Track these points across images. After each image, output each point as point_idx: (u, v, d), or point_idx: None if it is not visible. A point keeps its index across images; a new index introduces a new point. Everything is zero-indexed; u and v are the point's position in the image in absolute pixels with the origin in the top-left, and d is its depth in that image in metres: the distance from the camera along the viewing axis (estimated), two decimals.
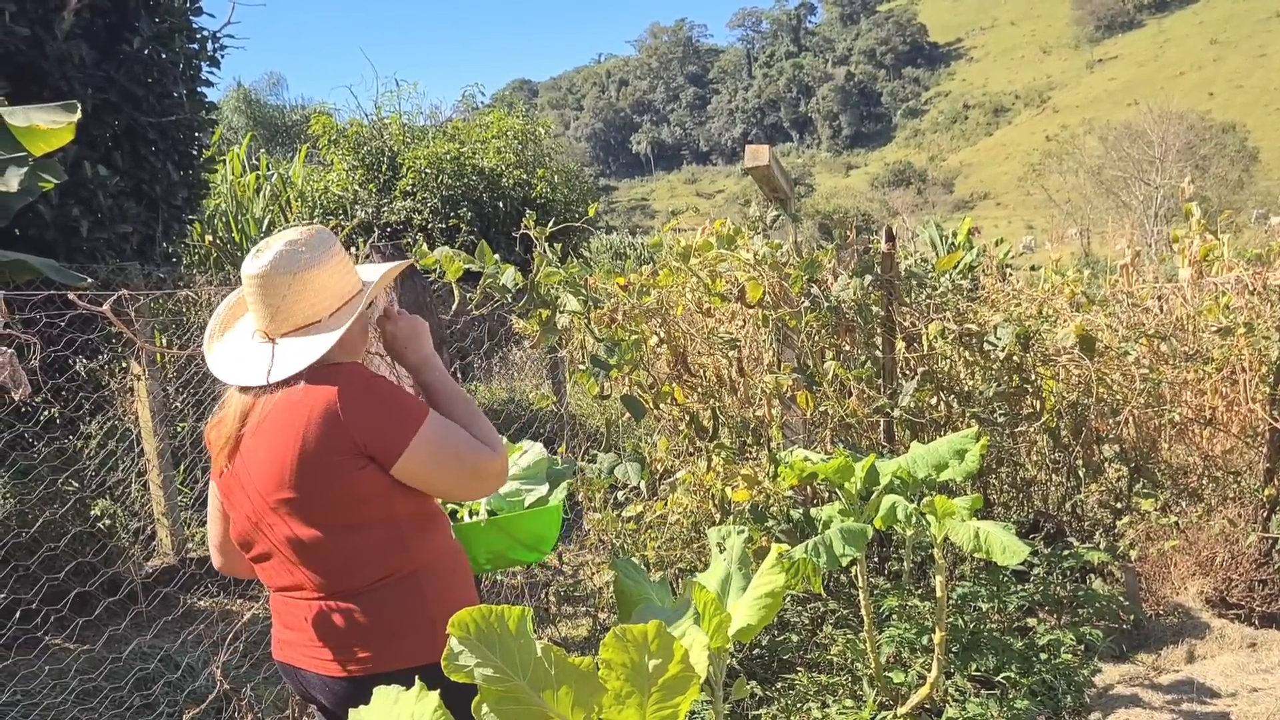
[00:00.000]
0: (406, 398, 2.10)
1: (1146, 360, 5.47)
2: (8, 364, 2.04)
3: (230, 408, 2.15)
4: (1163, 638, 4.60)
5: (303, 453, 2.02)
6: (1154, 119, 52.75)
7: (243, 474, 2.13)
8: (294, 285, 2.07)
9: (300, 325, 2.10)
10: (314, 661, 2.16)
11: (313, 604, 2.12)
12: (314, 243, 2.12)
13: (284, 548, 2.12)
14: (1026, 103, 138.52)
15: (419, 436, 2.05)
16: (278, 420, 2.06)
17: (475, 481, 2.16)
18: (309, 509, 2.06)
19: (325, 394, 2.03)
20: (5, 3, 6.02)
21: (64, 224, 6.31)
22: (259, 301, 2.09)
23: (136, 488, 6.00)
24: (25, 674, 3.51)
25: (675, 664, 1.75)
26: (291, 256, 2.08)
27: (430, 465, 2.08)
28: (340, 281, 2.15)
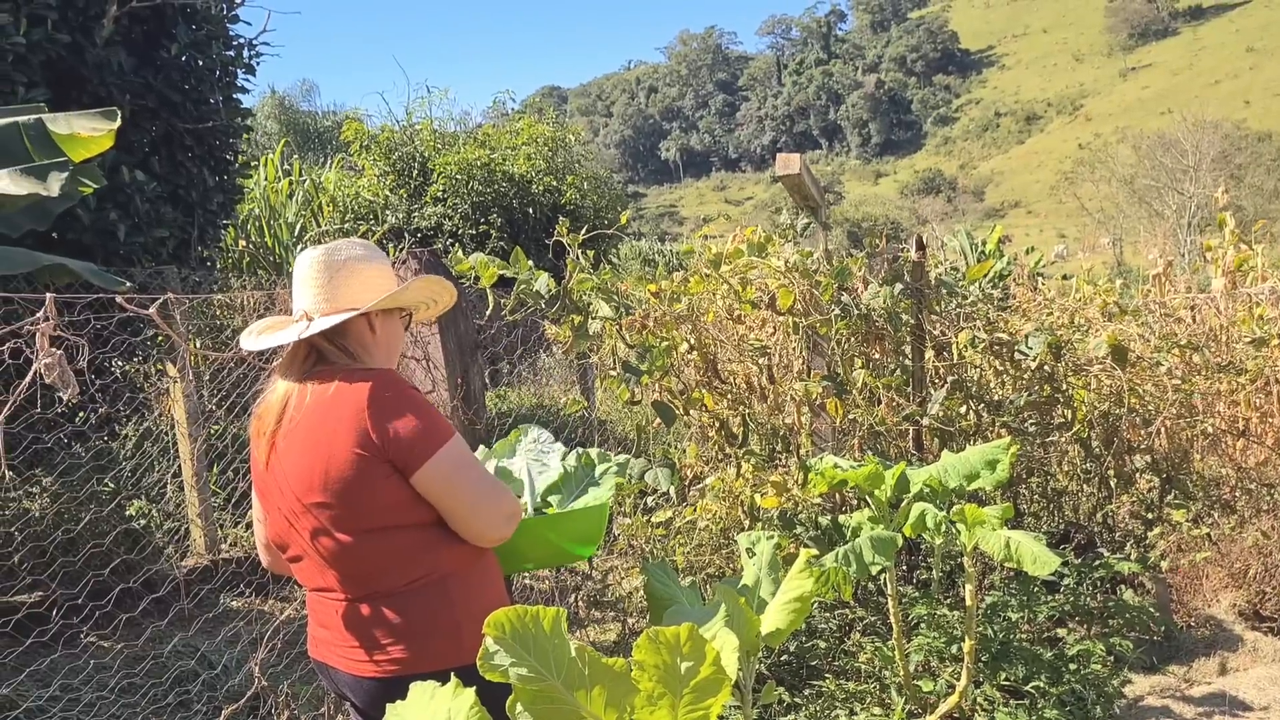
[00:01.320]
0: (435, 413, 2.14)
1: (1179, 371, 5.44)
2: (57, 365, 2.09)
3: (271, 396, 2.23)
4: (1194, 650, 4.57)
5: (332, 457, 2.08)
6: (1188, 127, 52.20)
7: (278, 474, 2.19)
8: (343, 270, 2.22)
9: (340, 309, 2.21)
10: (346, 661, 2.20)
11: (344, 604, 2.17)
12: (369, 246, 2.31)
13: (316, 550, 2.16)
14: (1059, 110, 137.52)
15: (442, 453, 2.08)
16: (311, 422, 2.12)
17: (489, 515, 2.14)
18: (339, 513, 2.10)
19: (356, 394, 2.09)
20: (47, 11, 6.13)
21: (102, 228, 6.41)
22: (308, 282, 2.23)
23: (171, 488, 6.09)
24: (70, 668, 3.58)
25: (707, 666, 1.77)
26: (347, 248, 2.26)
27: (447, 486, 2.10)
28: (384, 280, 2.28)
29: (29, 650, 3.38)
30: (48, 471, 5.09)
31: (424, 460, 2.07)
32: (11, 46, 5.84)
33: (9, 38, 5.82)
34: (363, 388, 2.09)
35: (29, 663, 3.56)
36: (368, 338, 2.26)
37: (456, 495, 2.10)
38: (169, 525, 5.87)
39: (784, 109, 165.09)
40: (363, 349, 2.25)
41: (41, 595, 4.04)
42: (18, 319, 2.29)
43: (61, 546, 3.97)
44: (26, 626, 3.40)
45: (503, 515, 2.14)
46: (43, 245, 5.64)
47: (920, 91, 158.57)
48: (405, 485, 2.10)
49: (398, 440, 2.06)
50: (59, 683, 3.48)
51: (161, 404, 6.27)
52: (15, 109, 5.17)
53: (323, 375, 2.18)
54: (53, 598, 3.69)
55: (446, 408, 3.00)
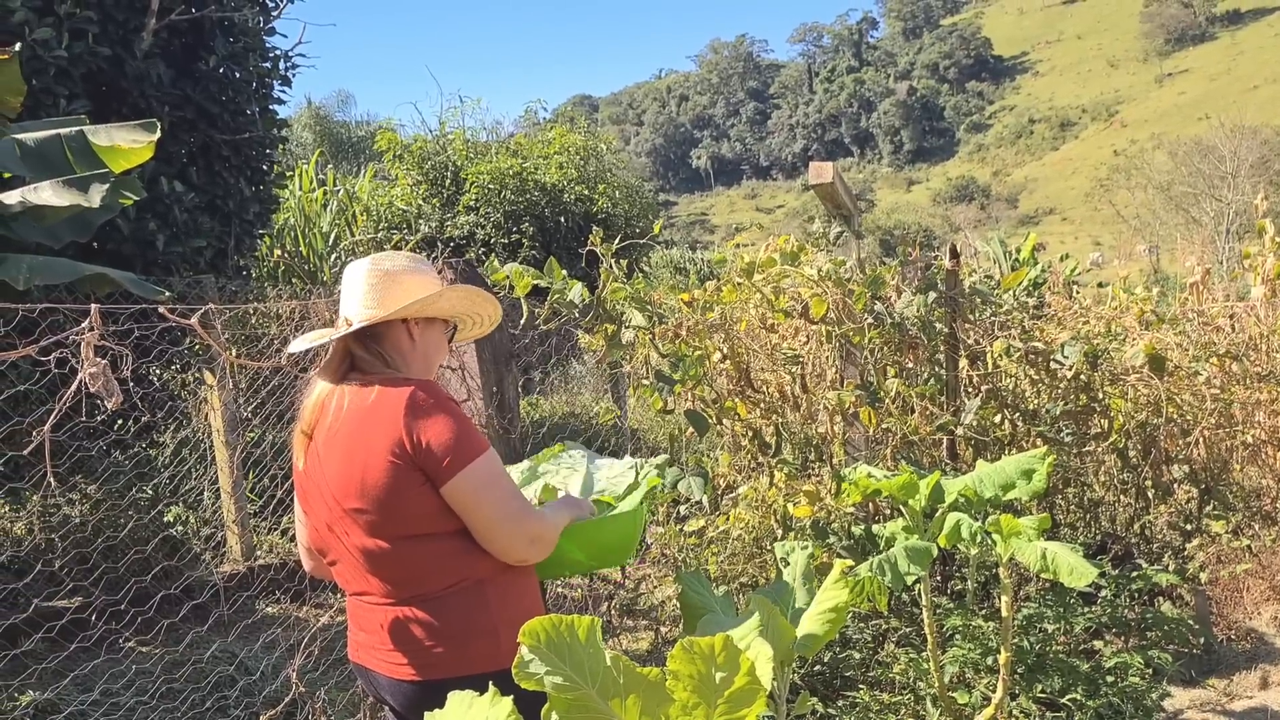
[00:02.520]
0: (470, 427, 2.15)
1: (1218, 380, 5.38)
2: (101, 374, 2.12)
3: (308, 398, 2.27)
4: (1235, 663, 4.51)
5: (369, 463, 2.11)
6: (1226, 133, 51.57)
7: (318, 479, 2.22)
8: (386, 278, 2.26)
9: (372, 308, 2.25)
10: (384, 664, 2.22)
11: (382, 609, 2.19)
12: (416, 259, 2.37)
13: (354, 554, 2.19)
14: (1094, 117, 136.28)
15: (471, 469, 2.09)
16: (351, 428, 2.15)
17: (510, 535, 2.12)
18: (376, 519, 2.13)
19: (395, 401, 2.12)
20: (88, 24, 6.23)
21: (141, 238, 6.50)
22: (354, 289, 2.28)
23: (208, 495, 6.16)
24: (112, 673, 3.63)
25: (742, 676, 1.77)
26: (392, 258, 2.32)
27: (473, 502, 2.10)
28: (426, 290, 2.30)
29: (72, 655, 3.43)
30: (89, 479, 5.17)
31: (453, 474, 2.08)
32: (54, 60, 5.94)
33: (51, 51, 5.92)
34: (402, 395, 2.12)
35: (72, 667, 3.61)
36: (405, 345, 2.29)
37: (481, 511, 2.10)
38: (206, 532, 5.94)
39: (815, 116, 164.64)
40: (399, 356, 2.27)
41: (84, 600, 4.10)
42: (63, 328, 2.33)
43: (103, 553, 4.02)
44: (70, 631, 3.45)
45: (526, 537, 2.13)
46: (83, 255, 5.73)
47: (953, 98, 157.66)
48: (438, 494, 2.12)
49: (429, 451, 2.08)
50: (101, 687, 3.53)
51: (199, 412, 6.35)
52: (57, 121, 5.26)
53: (364, 381, 2.21)
54: (95, 603, 3.74)
55: (481, 416, 3.02)
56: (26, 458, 3.43)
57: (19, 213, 4.67)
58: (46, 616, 3.63)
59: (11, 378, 4.64)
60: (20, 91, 4.38)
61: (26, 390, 4.00)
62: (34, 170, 4.85)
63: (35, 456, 2.39)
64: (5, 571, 4.39)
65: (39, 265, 4.53)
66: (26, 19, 5.84)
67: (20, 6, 5.82)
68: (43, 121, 5.27)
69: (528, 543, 2.13)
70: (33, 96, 5.74)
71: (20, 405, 4.58)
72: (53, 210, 4.66)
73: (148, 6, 6.65)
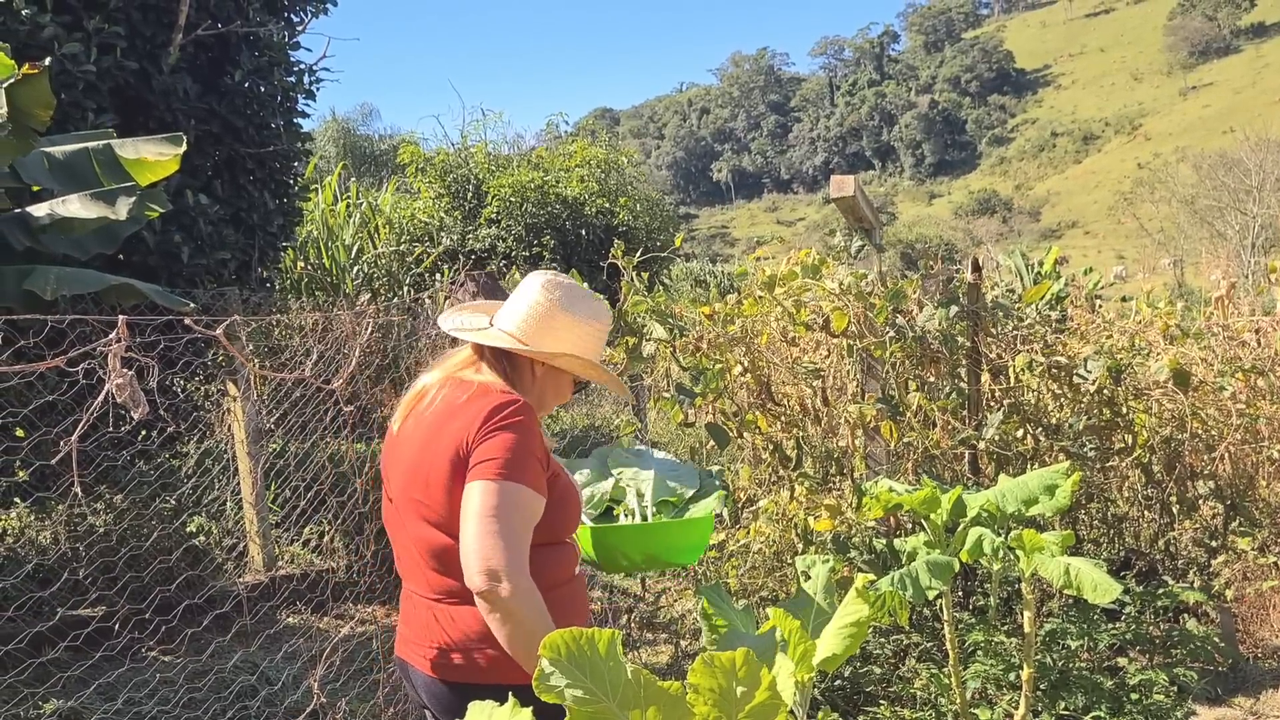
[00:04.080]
0: (527, 459, 2.10)
1: (1243, 395, 5.33)
2: (128, 385, 2.15)
3: (421, 379, 2.34)
4: (1261, 681, 4.45)
5: (437, 458, 2.13)
6: (1251, 146, 51.24)
7: (397, 459, 2.27)
8: (548, 310, 2.28)
9: (513, 332, 2.29)
10: (421, 661, 2.23)
11: (427, 604, 2.21)
12: (593, 305, 2.37)
13: (410, 543, 2.22)
14: (1117, 130, 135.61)
15: (489, 484, 2.04)
16: (436, 420, 2.20)
17: (475, 559, 1.98)
18: (431, 513, 2.15)
19: (481, 406, 2.13)
20: (116, 39, 6.31)
21: (166, 250, 6.56)
22: (523, 300, 2.31)
23: (231, 505, 6.19)
24: (135, 682, 3.65)
25: (762, 691, 1.77)
26: (571, 293, 2.33)
27: (467, 509, 2.03)
28: (575, 337, 2.31)
29: (96, 663, 3.46)
30: (114, 489, 5.21)
31: (474, 477, 2.05)
32: (82, 74, 6.02)
33: (80, 65, 6.00)
34: (491, 402, 2.14)
35: (96, 676, 3.64)
36: (527, 378, 2.31)
37: (467, 524, 2.02)
38: (227, 542, 5.97)
39: (836, 130, 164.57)
40: (519, 381, 2.29)
41: (108, 609, 4.13)
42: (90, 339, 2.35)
43: (127, 562, 4.05)
44: (94, 640, 3.48)
45: (480, 563, 1.97)
46: (109, 266, 5.78)
47: (975, 111, 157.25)
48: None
49: (476, 453, 2.07)
50: (124, 696, 3.55)
51: (223, 423, 6.39)
52: (85, 135, 5.33)
53: (467, 381, 2.25)
54: (119, 612, 3.77)
55: None
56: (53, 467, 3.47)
57: (47, 225, 4.72)
58: (71, 625, 3.66)
59: (39, 388, 4.69)
60: (50, 105, 4.43)
61: (54, 400, 4.04)
62: (62, 183, 4.91)
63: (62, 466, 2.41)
64: (31, 580, 4.43)
65: (66, 276, 4.58)
66: (56, 34, 5.92)
67: (50, 22, 5.90)
68: (71, 135, 5.34)
69: (482, 572, 1.97)
70: (61, 110, 5.81)
71: (47, 415, 4.62)
72: (80, 222, 4.72)
73: (174, 22, 6.73)
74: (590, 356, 2.34)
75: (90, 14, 6.22)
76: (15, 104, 4.30)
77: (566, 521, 2.28)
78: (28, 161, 4.81)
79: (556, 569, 2.23)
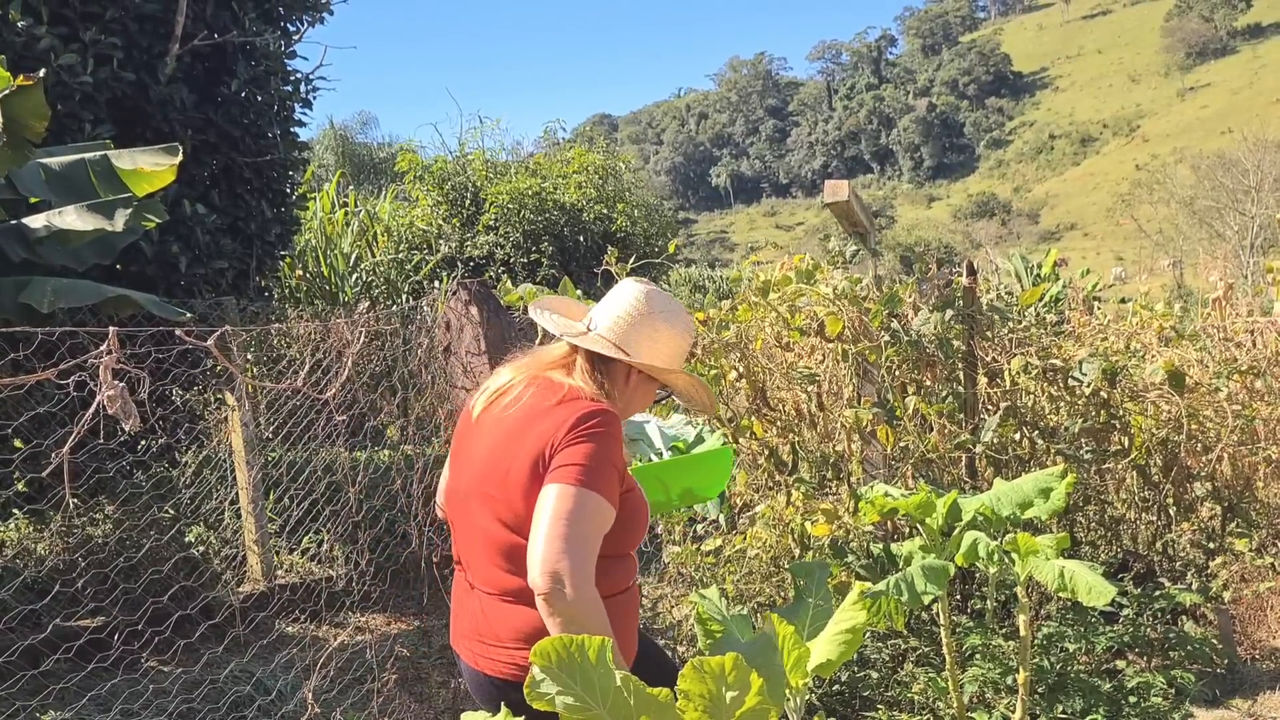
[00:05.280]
0: (604, 468, 2.12)
1: (1240, 396, 5.33)
2: (119, 397, 2.15)
3: (502, 375, 2.37)
4: (1259, 683, 4.45)
5: (518, 459, 2.17)
6: (1249, 147, 51.27)
7: (472, 450, 2.31)
8: (648, 319, 2.35)
9: (614, 340, 2.33)
10: (469, 653, 2.27)
11: (482, 598, 2.25)
12: (684, 317, 2.43)
13: (477, 535, 2.26)
14: (1115, 132, 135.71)
15: (566, 489, 2.05)
16: (521, 419, 2.23)
17: (541, 559, 1.99)
18: (504, 511, 2.18)
19: (569, 412, 2.17)
20: (113, 50, 6.31)
21: (163, 260, 6.56)
22: (619, 306, 2.37)
23: (228, 515, 6.19)
24: (130, 693, 3.65)
25: (753, 696, 1.77)
26: (667, 304, 2.40)
27: (544, 509, 2.05)
28: (672, 347, 2.39)
29: (91, 674, 3.46)
30: (110, 499, 5.21)
31: (554, 480, 2.07)
32: (79, 85, 6.02)
33: (76, 77, 6.00)
34: (579, 409, 2.18)
35: (90, 687, 3.63)
36: (620, 383, 2.36)
37: (540, 523, 2.03)
38: (226, 552, 5.97)
39: (835, 134, 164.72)
40: (610, 386, 2.33)
41: (103, 620, 4.13)
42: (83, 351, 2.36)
43: (123, 573, 4.06)
44: (88, 651, 3.48)
45: (544, 565, 1.98)
46: (106, 277, 5.78)
47: (973, 114, 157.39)
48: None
49: (560, 455, 2.10)
50: (119, 707, 3.55)
51: (219, 432, 6.39)
52: (82, 146, 5.34)
53: (557, 383, 2.29)
54: (114, 623, 3.77)
55: None
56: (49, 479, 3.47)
57: (44, 236, 4.73)
58: (66, 636, 3.66)
59: (35, 400, 4.69)
60: (45, 117, 4.44)
61: (48, 412, 4.05)
62: (59, 194, 4.92)
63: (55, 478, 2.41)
64: (27, 591, 4.43)
65: (63, 288, 4.59)
66: (52, 45, 5.93)
67: (46, 34, 5.91)
68: (68, 146, 5.35)
69: (547, 574, 1.98)
70: (58, 121, 5.82)
71: (45, 427, 4.62)
72: (77, 234, 4.72)
73: (171, 33, 6.74)
74: (673, 363, 2.40)
75: (87, 25, 6.23)
76: (10, 115, 4.30)
77: (634, 536, 2.31)
78: (24, 173, 4.82)
79: (617, 578, 2.26)
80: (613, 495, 2.13)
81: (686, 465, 2.91)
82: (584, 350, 2.33)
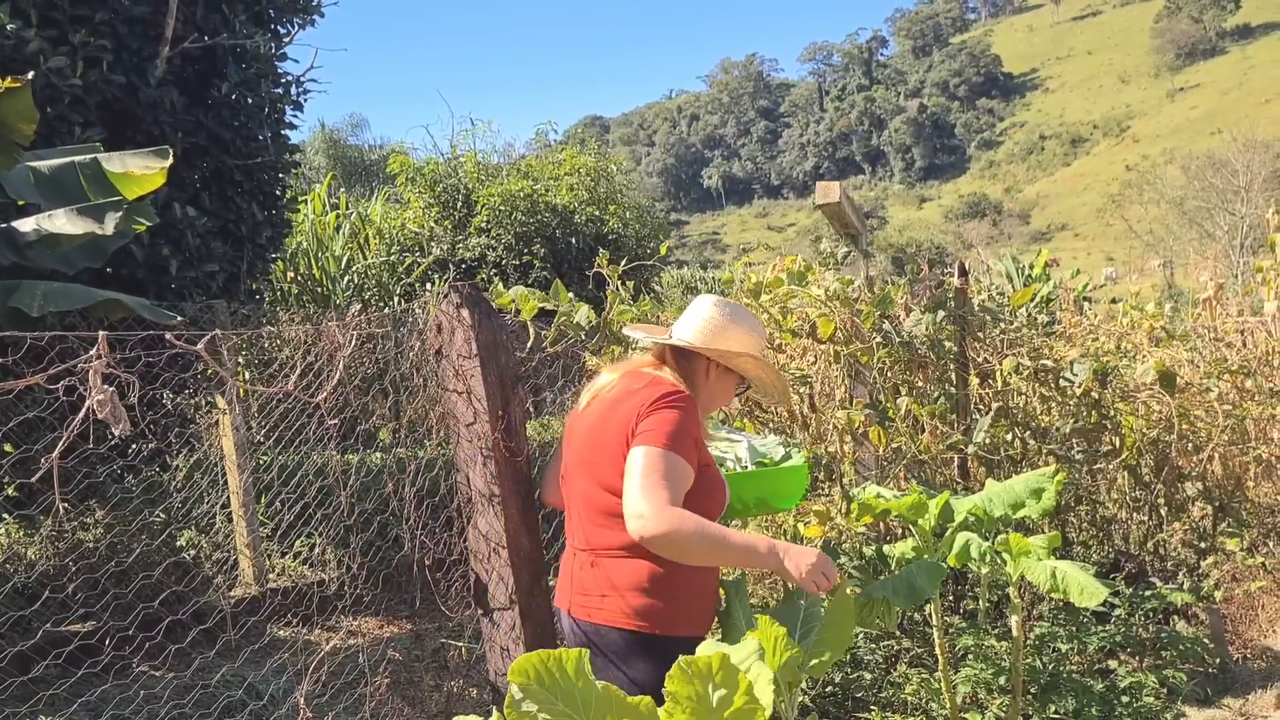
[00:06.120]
0: (685, 436, 2.46)
1: (1231, 396, 5.35)
2: (109, 401, 2.14)
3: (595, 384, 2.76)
4: (1250, 682, 4.46)
5: (612, 427, 2.54)
6: (1238, 148, 51.45)
7: (577, 435, 2.68)
8: (722, 322, 2.72)
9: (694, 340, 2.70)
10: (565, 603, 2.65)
11: (578, 554, 2.62)
12: (753, 318, 2.81)
13: (576, 500, 2.64)
14: (1105, 133, 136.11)
15: (650, 450, 2.40)
16: (615, 397, 2.63)
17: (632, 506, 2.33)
18: (599, 472, 2.54)
19: (654, 391, 2.55)
20: (102, 53, 6.29)
21: (154, 263, 6.54)
22: (696, 315, 2.75)
23: (220, 519, 6.17)
24: (121, 699, 3.63)
25: (740, 696, 1.77)
26: (738, 311, 2.78)
27: (631, 468, 2.40)
28: (745, 343, 2.73)
29: (81, 680, 3.44)
30: (101, 504, 5.19)
31: (639, 443, 2.43)
32: (68, 88, 6.00)
33: (66, 79, 5.98)
34: (662, 388, 2.57)
35: (81, 692, 3.62)
36: (700, 377, 2.72)
37: (630, 481, 2.37)
38: (217, 556, 5.95)
39: (826, 135, 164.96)
40: (689, 378, 2.70)
41: (94, 625, 4.11)
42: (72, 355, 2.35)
43: (114, 578, 4.04)
44: (79, 657, 3.46)
45: (633, 511, 2.32)
46: (97, 280, 5.76)
47: (964, 115, 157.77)
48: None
49: (644, 422, 2.47)
50: (110, 713, 3.53)
51: (211, 436, 6.37)
52: (71, 149, 5.32)
53: (646, 374, 2.68)
54: (105, 628, 3.75)
55: (488, 440, 3.04)
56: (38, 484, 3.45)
57: (34, 240, 4.71)
58: (56, 642, 3.64)
59: (24, 404, 4.67)
60: (33, 120, 4.42)
61: (38, 417, 4.03)
62: (48, 198, 4.89)
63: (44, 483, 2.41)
64: (17, 597, 4.41)
65: (53, 292, 4.56)
66: (41, 48, 5.91)
67: (35, 36, 5.89)
68: (57, 149, 5.32)
69: (634, 516, 2.32)
70: (47, 124, 5.80)
71: (33, 432, 4.60)
72: (67, 237, 4.70)
73: (161, 35, 6.72)
74: (738, 355, 2.72)
75: (76, 28, 6.21)
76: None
77: (712, 507, 2.57)
78: (13, 176, 4.80)
79: None
80: (690, 457, 2.46)
81: (763, 476, 3.14)
82: (668, 349, 2.74)
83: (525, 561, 3.26)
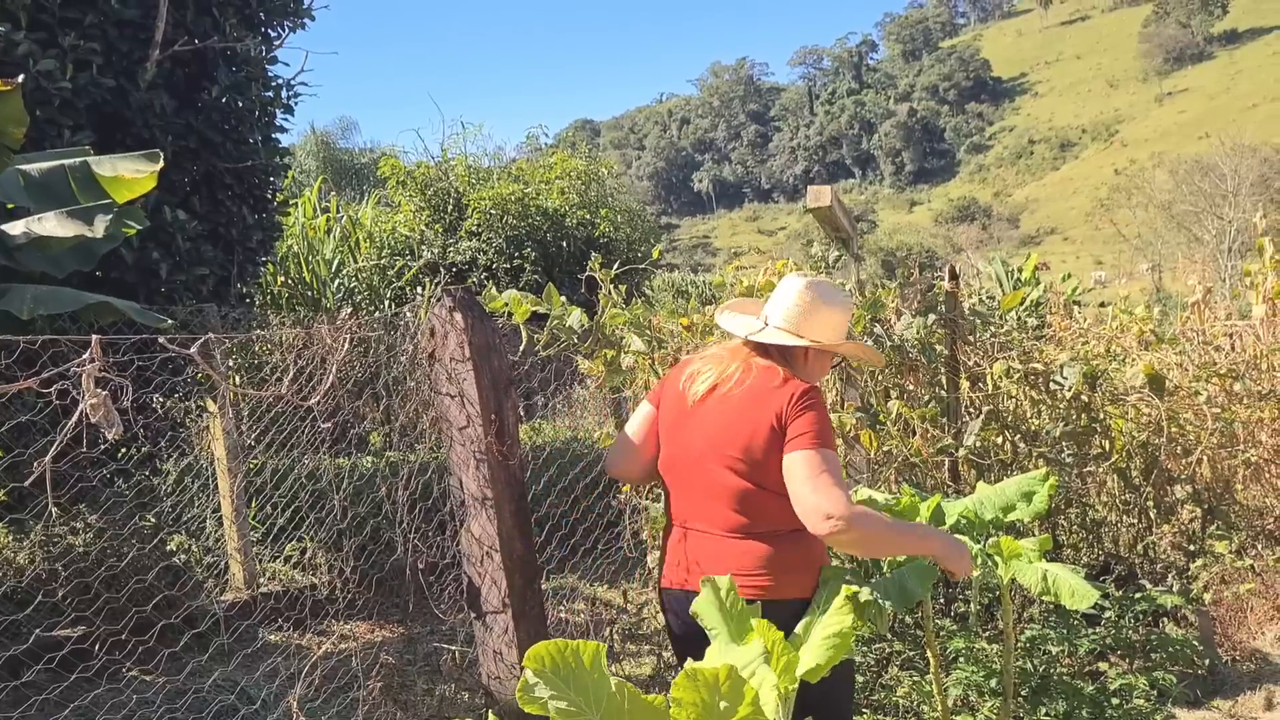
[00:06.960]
0: (828, 426, 2.66)
1: (1219, 399, 5.37)
2: (102, 405, 2.14)
3: (713, 365, 2.83)
4: (1239, 684, 4.48)
5: (757, 430, 2.65)
6: (1226, 152, 51.75)
7: (700, 421, 2.77)
8: (812, 305, 2.82)
9: (793, 333, 2.82)
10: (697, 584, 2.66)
11: (716, 538, 2.72)
12: (841, 294, 2.92)
13: (715, 491, 2.72)
14: (1094, 137, 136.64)
15: (806, 452, 2.57)
16: (750, 397, 2.71)
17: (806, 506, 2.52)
18: (747, 470, 2.66)
19: (790, 390, 2.68)
20: (92, 56, 6.28)
21: (144, 267, 6.53)
22: (787, 299, 2.85)
23: (211, 523, 6.15)
24: (113, 703, 3.62)
25: (745, 705, 1.78)
26: (826, 289, 2.86)
27: (791, 471, 2.57)
28: (838, 324, 2.87)
29: (73, 685, 3.43)
30: (92, 508, 5.17)
31: (793, 449, 2.59)
32: (58, 91, 5.99)
33: (55, 83, 5.97)
34: (797, 387, 2.69)
35: (73, 697, 3.61)
36: (799, 361, 2.85)
37: (793, 482, 2.57)
38: (208, 560, 5.93)
39: (816, 139, 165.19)
40: (793, 364, 2.82)
41: (85, 630, 4.09)
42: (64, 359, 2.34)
43: (105, 582, 4.02)
44: (71, 662, 3.45)
45: (819, 513, 2.49)
46: (87, 284, 5.74)
47: (953, 119, 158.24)
48: None
49: (793, 425, 2.61)
50: (102, 717, 3.52)
51: (202, 440, 6.35)
52: (61, 152, 5.30)
53: (771, 368, 2.76)
54: (96, 632, 3.74)
55: (481, 444, 3.04)
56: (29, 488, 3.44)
57: (23, 243, 4.69)
58: (47, 647, 3.62)
59: (16, 408, 4.66)
60: (23, 123, 4.41)
61: (30, 421, 4.01)
62: (38, 201, 4.88)
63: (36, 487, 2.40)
64: (8, 602, 4.39)
65: (43, 295, 4.55)
66: (31, 51, 5.90)
67: (24, 39, 5.88)
68: (47, 153, 5.31)
69: (821, 517, 2.49)
70: (37, 128, 5.78)
71: (25, 436, 4.59)
72: (57, 241, 4.69)
73: (151, 38, 6.71)
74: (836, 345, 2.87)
75: (66, 31, 6.20)
76: None
77: None
78: (2, 179, 4.79)
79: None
80: (835, 444, 2.68)
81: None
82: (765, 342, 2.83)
83: (518, 565, 3.27)
